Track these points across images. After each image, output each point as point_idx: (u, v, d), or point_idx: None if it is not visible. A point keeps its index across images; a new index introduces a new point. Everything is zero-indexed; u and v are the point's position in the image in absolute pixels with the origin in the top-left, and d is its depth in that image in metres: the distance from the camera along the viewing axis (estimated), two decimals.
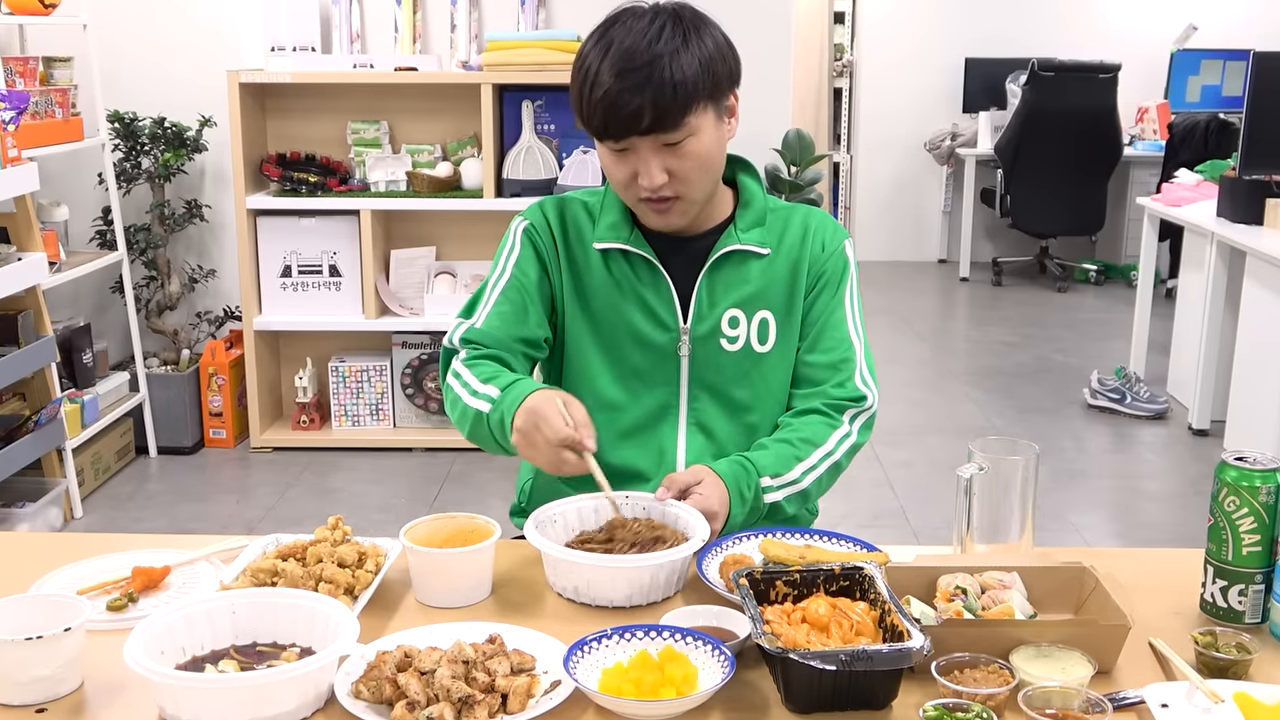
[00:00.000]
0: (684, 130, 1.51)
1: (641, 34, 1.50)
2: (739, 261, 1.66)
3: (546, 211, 1.70)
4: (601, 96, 1.49)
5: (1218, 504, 1.32)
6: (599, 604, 1.37)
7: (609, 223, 1.66)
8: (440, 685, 1.12)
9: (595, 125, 1.52)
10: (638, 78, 1.48)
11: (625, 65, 1.48)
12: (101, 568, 1.46)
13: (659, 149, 1.52)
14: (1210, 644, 1.23)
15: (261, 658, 1.21)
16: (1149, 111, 7.33)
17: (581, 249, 1.67)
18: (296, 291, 4.20)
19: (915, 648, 1.12)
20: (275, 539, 1.47)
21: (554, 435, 1.42)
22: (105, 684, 1.21)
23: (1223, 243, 4.29)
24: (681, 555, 1.37)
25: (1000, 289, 7.26)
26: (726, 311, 1.65)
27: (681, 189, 1.56)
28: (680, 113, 1.50)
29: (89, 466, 3.82)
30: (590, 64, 1.51)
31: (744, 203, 1.68)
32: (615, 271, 1.65)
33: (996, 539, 1.43)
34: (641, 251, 1.64)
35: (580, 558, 1.37)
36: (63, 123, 3.75)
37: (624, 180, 1.57)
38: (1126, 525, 3.75)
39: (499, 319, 1.64)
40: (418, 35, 4.35)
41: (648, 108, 1.48)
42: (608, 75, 1.48)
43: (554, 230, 1.68)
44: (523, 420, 1.44)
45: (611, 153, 1.55)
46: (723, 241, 1.65)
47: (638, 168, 1.54)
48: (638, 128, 1.49)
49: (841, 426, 1.65)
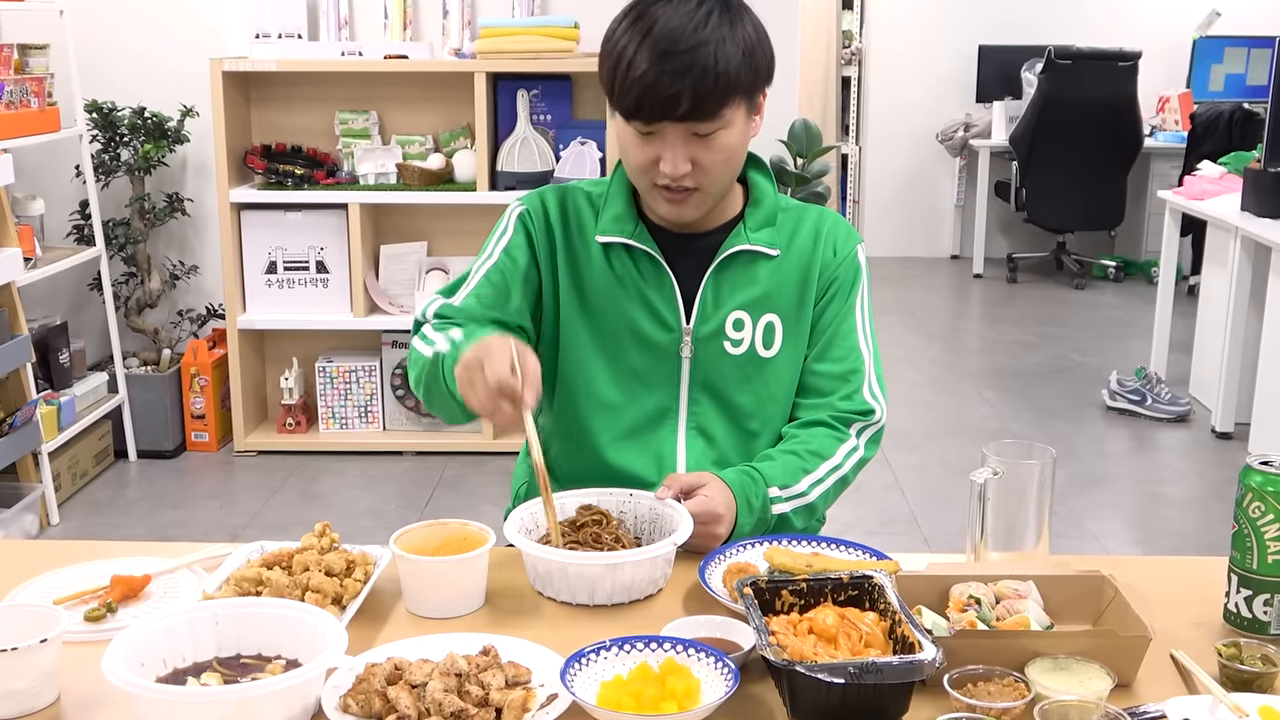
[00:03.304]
0: (718, 122, 1.51)
1: (688, 16, 1.48)
2: (747, 262, 1.65)
3: (546, 200, 1.69)
4: (639, 77, 1.47)
5: (1242, 510, 1.32)
6: (563, 599, 1.41)
7: (613, 214, 1.65)
8: (432, 699, 1.12)
9: (627, 105, 1.51)
10: (681, 62, 1.47)
11: (669, 48, 1.47)
12: (79, 576, 1.45)
13: (688, 137, 1.52)
14: (1234, 656, 1.23)
15: (246, 670, 1.21)
16: (1170, 101, 7.34)
17: (582, 241, 1.67)
18: (282, 288, 4.20)
19: (927, 660, 1.13)
20: (260, 546, 1.47)
21: (493, 376, 1.37)
22: (83, 698, 1.21)
23: (1247, 238, 4.29)
24: (652, 555, 1.39)
25: (1015, 286, 7.27)
26: (731, 313, 1.65)
27: (702, 181, 1.55)
28: (718, 103, 1.50)
29: (66, 471, 3.82)
30: (628, 42, 1.50)
31: (754, 201, 1.68)
32: (617, 267, 1.65)
33: (1011, 546, 1.43)
34: (645, 247, 1.64)
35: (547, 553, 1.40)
36: (38, 113, 3.75)
37: (644, 164, 1.55)
38: (1147, 532, 3.75)
39: (477, 300, 1.63)
40: (408, 21, 4.35)
41: (686, 94, 1.47)
42: (648, 56, 1.47)
43: (551, 220, 1.67)
44: (470, 354, 1.40)
45: (637, 134, 1.54)
46: (731, 241, 1.65)
47: (662, 153, 1.53)
48: (673, 113, 1.49)
49: (849, 440, 1.66)
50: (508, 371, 1.37)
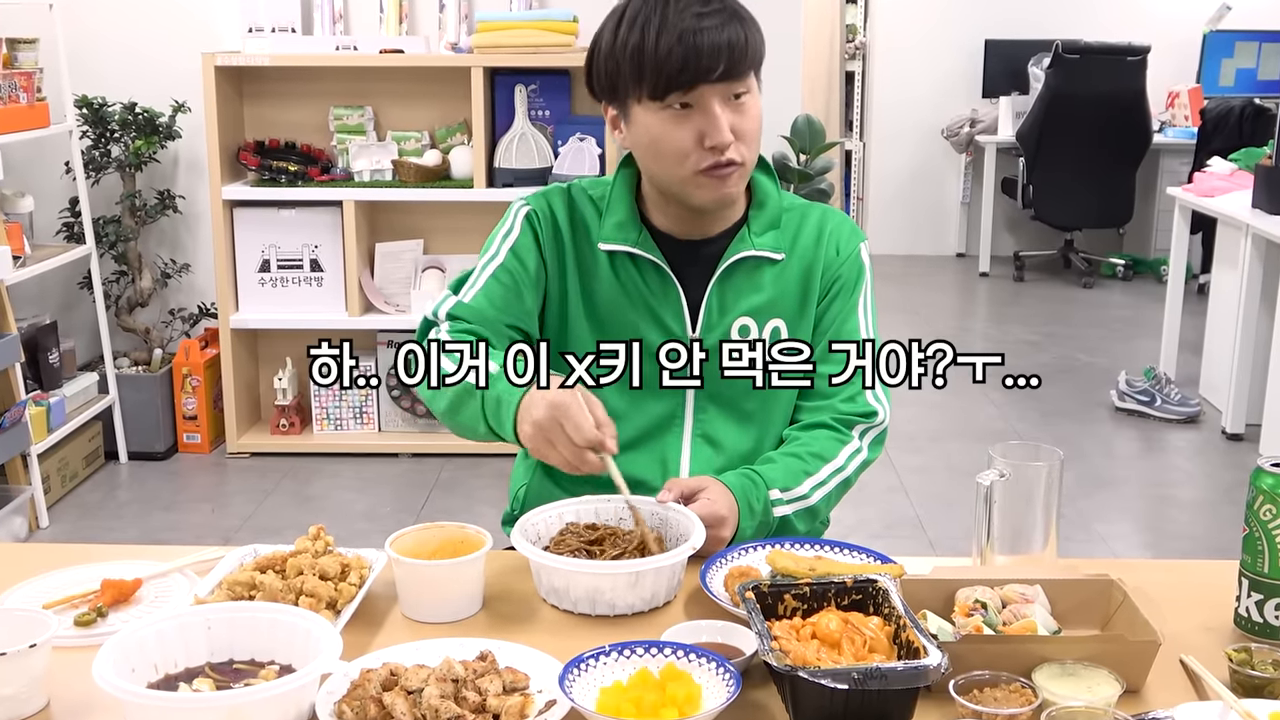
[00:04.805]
0: (748, 82, 1.54)
1: None
2: (752, 268, 1.66)
3: (553, 202, 1.69)
4: (679, 38, 1.48)
5: (1253, 513, 1.32)
6: (580, 610, 1.39)
7: (615, 221, 1.65)
8: (428, 705, 1.12)
9: (667, 74, 1.50)
10: (719, 17, 1.50)
11: (699, 10, 1.49)
12: (69, 580, 1.45)
13: (727, 101, 1.53)
14: (1245, 661, 1.23)
15: (238, 676, 1.21)
16: (1180, 96, 7.34)
17: (589, 248, 1.67)
18: (275, 287, 4.20)
19: (932, 665, 1.13)
20: (253, 550, 1.47)
21: (579, 436, 1.41)
22: (72, 704, 1.21)
23: (1258, 235, 4.29)
24: (672, 561, 1.38)
25: (1022, 284, 7.27)
26: (737, 320, 1.65)
27: (744, 153, 1.56)
28: (750, 61, 1.53)
29: (55, 473, 3.82)
30: (650, 14, 1.51)
31: (758, 202, 1.68)
32: (622, 275, 1.65)
33: (1018, 550, 1.43)
34: (651, 256, 1.64)
35: (566, 564, 1.38)
36: (27, 108, 3.75)
37: (686, 146, 1.54)
38: (1156, 535, 3.75)
39: (487, 299, 1.63)
40: (404, 15, 4.35)
41: (725, 49, 1.49)
42: (679, 18, 1.49)
43: (560, 224, 1.67)
44: (543, 414, 1.43)
45: (671, 117, 1.53)
46: (735, 247, 1.65)
47: (705, 127, 1.52)
48: (715, 69, 1.49)
49: (851, 442, 1.66)
50: (591, 428, 1.42)
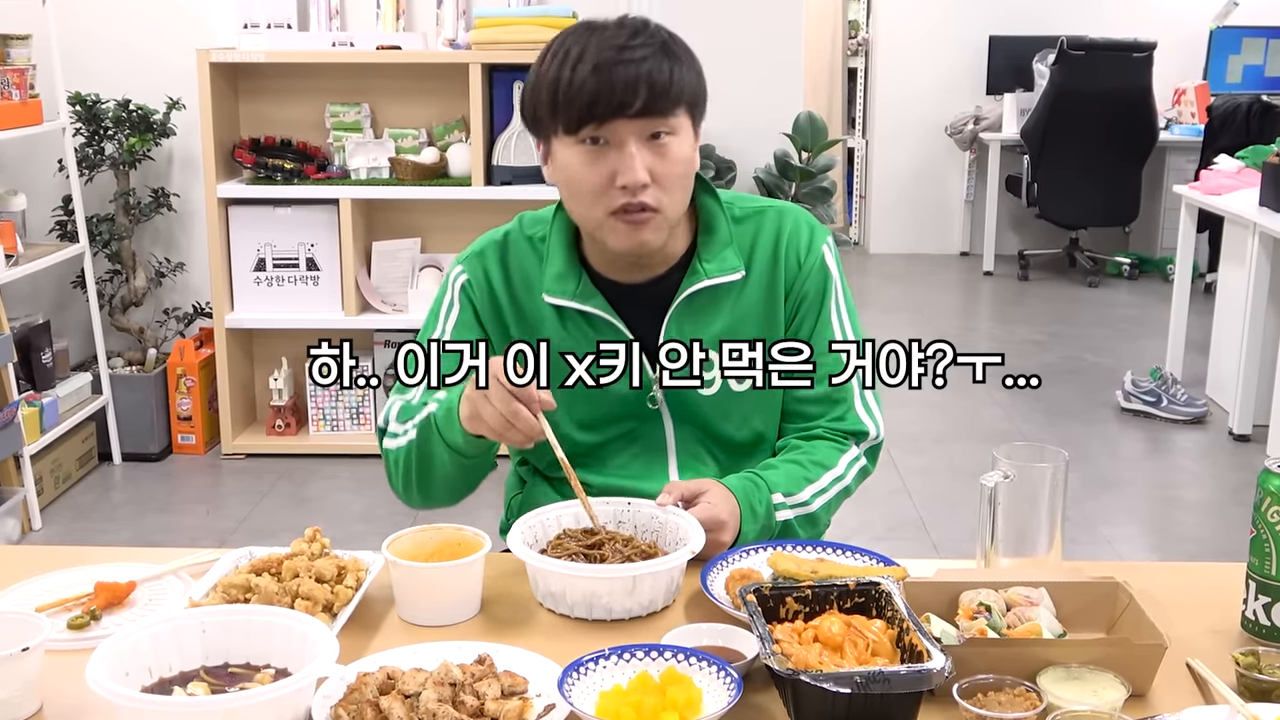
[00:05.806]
0: (672, 121, 1.50)
1: (631, 26, 1.50)
2: (707, 299, 1.62)
3: (487, 264, 1.65)
4: (592, 71, 1.46)
5: (1260, 515, 1.32)
6: (578, 614, 1.38)
7: (555, 272, 1.61)
8: (425, 709, 1.12)
9: (578, 108, 1.47)
10: (636, 53, 1.47)
11: (622, 43, 1.47)
12: (62, 583, 1.45)
13: (643, 142, 1.49)
14: (1252, 665, 1.23)
15: (234, 680, 1.21)
16: (1186, 93, 7.34)
17: (531, 301, 1.63)
18: (271, 286, 4.20)
19: (935, 669, 1.13)
20: (248, 552, 1.47)
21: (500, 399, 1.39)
22: (65, 708, 1.21)
23: (1266, 234, 4.29)
24: (670, 565, 1.38)
25: (1027, 284, 7.27)
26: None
27: (661, 199, 1.51)
28: (674, 98, 1.49)
29: (48, 474, 3.82)
30: (572, 45, 1.49)
31: (705, 228, 1.63)
32: (570, 328, 1.61)
33: (1023, 552, 1.43)
34: (597, 310, 1.60)
35: (565, 568, 1.38)
36: (20, 105, 3.75)
37: (598, 186, 1.50)
38: (1162, 537, 3.75)
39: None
40: (401, 11, 4.35)
41: (643, 84, 1.46)
42: (600, 51, 1.47)
43: (495, 289, 1.64)
44: (470, 390, 1.43)
45: (586, 154, 1.50)
46: (687, 282, 1.61)
47: (618, 166, 1.49)
48: (630, 105, 1.46)
49: (851, 450, 1.66)
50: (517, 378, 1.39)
